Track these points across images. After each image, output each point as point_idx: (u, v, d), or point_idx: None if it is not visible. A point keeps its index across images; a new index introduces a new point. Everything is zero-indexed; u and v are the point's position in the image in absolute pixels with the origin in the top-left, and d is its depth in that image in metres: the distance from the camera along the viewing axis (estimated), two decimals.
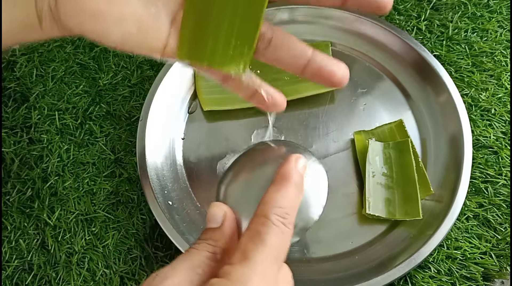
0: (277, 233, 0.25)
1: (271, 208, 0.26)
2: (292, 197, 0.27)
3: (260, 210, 0.26)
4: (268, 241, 0.24)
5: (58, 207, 0.47)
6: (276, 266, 0.25)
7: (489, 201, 0.46)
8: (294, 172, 0.27)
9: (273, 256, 0.24)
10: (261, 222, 0.25)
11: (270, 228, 0.25)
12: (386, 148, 0.47)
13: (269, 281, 0.24)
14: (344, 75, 0.28)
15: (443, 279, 0.43)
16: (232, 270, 0.23)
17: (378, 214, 0.44)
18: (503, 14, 0.57)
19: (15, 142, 0.50)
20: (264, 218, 0.25)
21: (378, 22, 0.53)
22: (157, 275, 0.24)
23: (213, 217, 0.28)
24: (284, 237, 0.25)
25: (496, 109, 0.51)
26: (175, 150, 0.50)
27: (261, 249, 0.24)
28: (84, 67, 0.55)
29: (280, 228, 0.25)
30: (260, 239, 0.24)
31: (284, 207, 0.26)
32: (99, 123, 0.51)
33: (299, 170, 0.28)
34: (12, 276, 0.44)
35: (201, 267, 0.25)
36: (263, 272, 0.23)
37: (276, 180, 0.27)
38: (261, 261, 0.24)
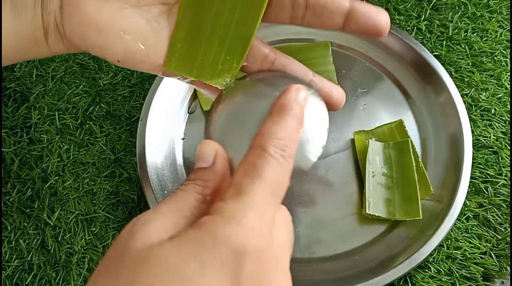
0: (276, 166, 0.22)
1: (269, 140, 0.23)
2: (292, 129, 0.24)
3: (256, 142, 0.23)
4: (265, 174, 0.22)
5: (58, 207, 0.47)
6: (273, 203, 0.22)
7: (489, 201, 0.46)
8: (294, 103, 0.25)
9: (270, 191, 0.22)
10: (258, 154, 0.23)
11: (268, 160, 0.22)
12: (386, 148, 0.48)
13: (266, 219, 0.21)
14: (341, 98, 0.29)
15: (443, 279, 0.43)
16: (224, 206, 0.21)
17: (378, 214, 0.44)
18: (503, 14, 0.57)
19: (15, 142, 0.50)
20: (261, 150, 0.23)
21: None
22: (139, 219, 0.22)
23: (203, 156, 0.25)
24: (283, 170, 0.23)
25: (496, 109, 0.51)
26: (175, 150, 0.50)
27: (258, 183, 0.22)
28: (84, 67, 0.55)
29: (278, 160, 0.22)
30: (256, 172, 0.22)
31: (283, 139, 0.23)
32: (99, 123, 0.51)
33: (300, 102, 0.25)
34: (12, 276, 0.44)
35: (189, 209, 0.23)
36: (259, 208, 0.21)
37: (274, 111, 0.25)
38: (257, 196, 0.21)
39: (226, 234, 0.20)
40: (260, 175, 0.22)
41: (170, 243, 0.20)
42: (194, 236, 0.20)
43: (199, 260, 0.19)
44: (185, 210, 0.22)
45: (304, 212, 0.46)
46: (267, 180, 0.22)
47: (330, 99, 0.29)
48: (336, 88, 0.29)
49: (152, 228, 0.21)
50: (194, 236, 0.20)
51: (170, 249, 0.20)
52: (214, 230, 0.20)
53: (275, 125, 0.24)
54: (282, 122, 0.24)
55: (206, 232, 0.20)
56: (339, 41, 0.55)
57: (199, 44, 0.29)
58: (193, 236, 0.20)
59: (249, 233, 0.20)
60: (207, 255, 0.20)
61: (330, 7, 0.26)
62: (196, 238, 0.20)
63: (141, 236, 0.21)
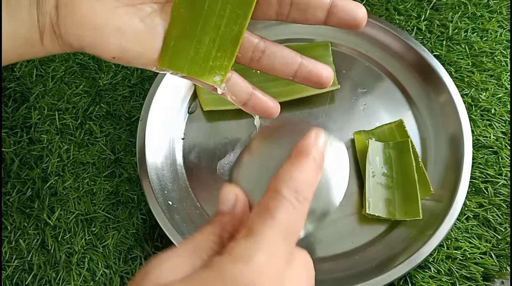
0: (288, 208, 0.22)
1: (284, 182, 0.23)
2: (309, 173, 0.24)
3: (271, 185, 0.23)
4: (277, 215, 0.22)
5: (58, 207, 0.47)
6: (286, 244, 0.22)
7: (489, 201, 0.46)
8: (313, 147, 0.25)
9: (282, 232, 0.22)
10: (271, 197, 0.23)
11: (280, 202, 0.22)
12: (386, 148, 0.48)
13: (276, 260, 0.21)
14: (329, 76, 0.31)
15: (443, 279, 0.43)
16: (235, 245, 0.21)
17: (378, 214, 0.44)
18: (503, 14, 0.57)
19: (15, 142, 0.50)
20: (275, 192, 0.23)
21: (378, 22, 0.53)
22: (156, 257, 0.22)
23: (224, 200, 0.26)
24: (296, 212, 0.23)
25: (496, 109, 0.51)
26: (175, 150, 0.50)
27: (269, 223, 0.21)
28: (84, 67, 0.55)
29: (292, 203, 0.22)
30: (268, 213, 0.22)
31: (299, 181, 0.23)
32: (99, 123, 0.51)
33: (320, 146, 0.25)
34: (12, 276, 0.44)
35: (205, 251, 0.23)
36: (269, 248, 0.21)
37: (293, 155, 0.25)
38: (268, 237, 0.21)
39: (234, 273, 0.20)
40: (272, 216, 0.22)
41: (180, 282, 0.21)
42: (204, 276, 0.20)
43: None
44: (202, 252, 0.23)
45: None
46: (278, 221, 0.22)
47: (320, 79, 0.31)
48: (325, 67, 0.31)
49: (166, 268, 0.21)
50: (204, 276, 0.20)
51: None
52: (223, 269, 0.20)
53: (291, 168, 0.24)
54: (299, 165, 0.24)
55: (215, 271, 0.20)
56: (339, 41, 0.55)
57: (190, 41, 0.29)
58: (203, 276, 0.20)
59: (257, 273, 0.20)
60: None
61: (313, 4, 0.28)
62: (205, 278, 0.20)
63: (154, 275, 0.21)
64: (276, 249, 0.21)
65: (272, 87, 0.51)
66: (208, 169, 0.48)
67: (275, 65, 0.31)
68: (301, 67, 0.31)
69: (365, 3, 0.58)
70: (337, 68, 0.52)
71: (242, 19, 0.29)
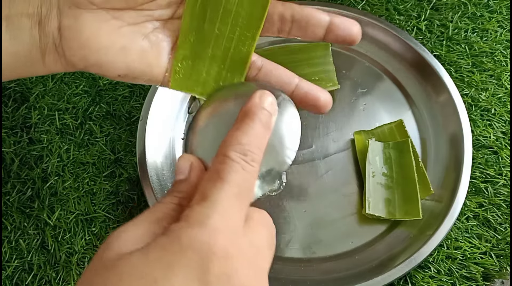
0: (237, 169, 0.23)
1: (230, 146, 0.24)
2: (256, 134, 0.25)
3: (220, 149, 0.24)
4: (227, 178, 0.23)
5: (58, 207, 0.47)
6: (239, 205, 0.23)
7: (489, 201, 0.46)
8: (258, 109, 0.25)
9: (233, 194, 0.23)
10: (220, 161, 0.23)
11: (229, 165, 0.23)
12: (386, 148, 0.47)
13: (231, 220, 0.22)
14: (327, 101, 0.30)
15: (443, 279, 0.43)
16: (190, 212, 0.22)
17: (378, 214, 0.44)
18: (503, 14, 0.57)
19: (15, 142, 0.50)
20: (222, 156, 0.24)
21: (378, 22, 0.53)
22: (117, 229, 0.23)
23: (180, 169, 0.26)
24: (246, 173, 0.23)
25: (496, 109, 0.51)
26: (175, 150, 0.50)
27: (220, 186, 0.22)
28: None
29: (240, 164, 0.23)
30: (218, 177, 0.23)
31: (245, 143, 0.24)
32: (99, 123, 0.51)
33: (266, 107, 0.26)
34: (12, 276, 0.44)
35: (165, 219, 0.23)
36: (223, 210, 0.22)
37: (238, 118, 0.25)
38: (221, 199, 0.22)
39: (190, 236, 0.21)
40: (222, 179, 0.23)
41: (139, 250, 0.21)
42: (161, 242, 0.21)
43: (165, 263, 0.20)
44: (162, 220, 0.23)
45: (304, 212, 0.46)
46: (229, 183, 0.23)
47: (317, 102, 0.30)
48: (323, 91, 0.31)
49: (125, 239, 0.22)
50: (161, 242, 0.21)
51: (138, 256, 0.21)
52: (180, 234, 0.21)
53: (237, 131, 0.24)
54: (245, 128, 0.24)
55: (172, 237, 0.21)
56: None
57: (202, 63, 0.30)
58: (161, 243, 0.21)
59: (213, 234, 0.21)
60: (173, 258, 0.20)
61: (312, 22, 0.29)
62: (163, 244, 0.21)
63: (114, 246, 0.22)
64: (229, 210, 0.22)
65: None
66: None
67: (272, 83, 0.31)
68: (298, 89, 0.30)
69: (365, 3, 0.58)
70: (337, 68, 0.52)
71: (251, 40, 0.29)
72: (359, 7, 0.57)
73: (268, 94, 0.26)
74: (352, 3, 0.58)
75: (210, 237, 0.21)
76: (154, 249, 0.21)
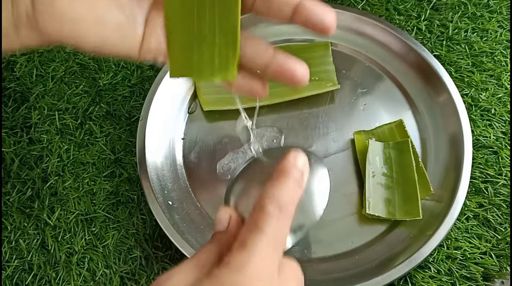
0: (273, 222, 0.25)
1: (267, 199, 0.26)
2: (290, 191, 0.27)
3: (257, 203, 0.26)
4: (264, 228, 0.25)
5: (58, 207, 0.47)
6: (274, 254, 0.25)
7: (489, 201, 0.46)
8: (292, 168, 0.27)
9: (270, 244, 0.25)
10: (257, 213, 0.26)
11: (265, 217, 0.25)
12: (386, 148, 0.48)
13: (267, 267, 0.24)
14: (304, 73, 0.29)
15: (443, 279, 0.43)
16: (230, 258, 0.24)
17: (378, 214, 0.44)
18: (503, 14, 0.57)
19: (15, 142, 0.50)
20: (260, 209, 0.26)
21: (378, 22, 0.53)
22: (166, 273, 0.25)
23: (220, 221, 0.29)
24: (280, 225, 0.26)
25: (496, 109, 0.51)
26: (175, 150, 0.50)
27: (258, 236, 0.25)
28: (84, 67, 0.55)
29: (275, 217, 0.25)
30: (256, 228, 0.25)
31: (280, 198, 0.26)
32: (99, 123, 0.51)
33: (299, 166, 0.28)
34: (12, 276, 0.44)
35: (207, 265, 0.26)
36: (260, 258, 0.24)
37: (274, 176, 0.27)
38: (258, 248, 0.24)
39: (231, 281, 0.23)
40: (260, 229, 0.25)
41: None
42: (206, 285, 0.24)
43: None
44: (204, 266, 0.26)
45: None
46: (266, 233, 0.25)
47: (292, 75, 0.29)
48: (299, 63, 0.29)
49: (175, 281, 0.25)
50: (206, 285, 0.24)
51: None
52: (221, 278, 0.24)
53: (273, 188, 0.26)
54: (279, 185, 0.27)
55: (215, 280, 0.24)
56: (339, 41, 0.55)
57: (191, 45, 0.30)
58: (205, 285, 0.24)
59: (252, 280, 0.23)
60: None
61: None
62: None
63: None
64: (266, 258, 0.24)
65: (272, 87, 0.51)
66: (208, 169, 0.48)
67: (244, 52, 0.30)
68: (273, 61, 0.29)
69: (365, 3, 0.58)
70: (337, 68, 0.52)
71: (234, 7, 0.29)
72: (359, 7, 0.57)
73: (302, 154, 0.28)
74: (352, 3, 0.58)
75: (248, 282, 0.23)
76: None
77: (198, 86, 0.52)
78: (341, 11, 0.53)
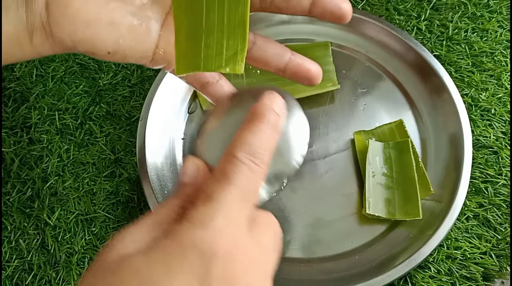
0: (245, 171, 0.23)
1: (239, 146, 0.23)
2: (265, 136, 0.24)
3: (227, 150, 0.24)
4: (234, 179, 0.22)
5: (58, 207, 0.47)
6: (245, 207, 0.23)
7: (489, 201, 0.46)
8: (267, 111, 0.25)
9: (239, 196, 0.22)
10: (227, 161, 0.23)
11: (236, 166, 0.23)
12: (386, 148, 0.48)
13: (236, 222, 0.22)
14: (318, 72, 0.30)
15: (443, 279, 0.43)
16: (194, 212, 0.22)
17: (378, 214, 0.44)
18: (503, 14, 0.57)
19: (15, 142, 0.50)
20: (230, 157, 0.23)
21: (378, 22, 0.53)
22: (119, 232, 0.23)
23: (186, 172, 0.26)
24: (253, 175, 0.23)
25: (496, 109, 0.51)
26: (175, 150, 0.50)
27: (226, 188, 0.22)
28: (84, 67, 0.55)
29: (248, 165, 0.23)
30: (225, 178, 0.22)
31: (254, 144, 0.23)
32: (99, 123, 0.51)
33: (275, 109, 0.25)
34: (12, 276, 0.44)
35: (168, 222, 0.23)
36: (228, 211, 0.21)
37: (247, 119, 0.25)
38: (226, 201, 0.22)
39: (193, 238, 0.20)
40: (229, 180, 0.22)
41: (141, 252, 0.21)
42: (163, 244, 0.21)
43: (166, 266, 0.20)
44: (164, 223, 0.23)
45: (304, 212, 0.46)
46: (236, 184, 0.22)
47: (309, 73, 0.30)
48: (314, 64, 0.30)
49: (127, 241, 0.22)
50: (163, 244, 0.21)
51: (140, 258, 0.21)
52: (182, 236, 0.21)
53: (246, 132, 0.24)
54: (254, 129, 0.24)
55: (174, 238, 0.21)
56: (339, 41, 0.55)
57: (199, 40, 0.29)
58: (162, 244, 0.21)
59: (217, 236, 0.21)
60: (174, 260, 0.20)
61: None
62: (164, 246, 0.21)
63: (116, 248, 0.22)
64: (235, 212, 0.22)
65: None
66: None
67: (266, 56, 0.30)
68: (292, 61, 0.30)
69: (365, 3, 0.58)
70: (337, 68, 0.52)
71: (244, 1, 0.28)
72: (359, 7, 0.57)
73: (277, 96, 0.26)
74: (352, 3, 0.58)
75: (213, 240, 0.20)
76: (155, 251, 0.21)
77: None
78: None
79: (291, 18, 0.54)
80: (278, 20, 0.54)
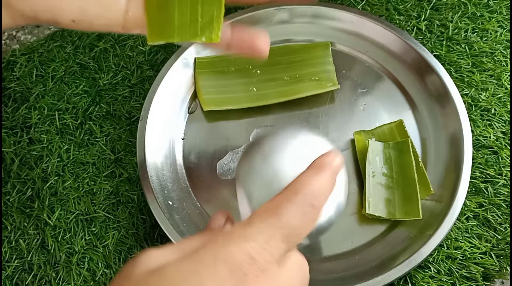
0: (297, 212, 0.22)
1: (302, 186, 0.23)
2: (326, 185, 0.24)
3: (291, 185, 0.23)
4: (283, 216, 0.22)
5: (58, 207, 0.47)
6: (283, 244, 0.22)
7: (489, 201, 0.46)
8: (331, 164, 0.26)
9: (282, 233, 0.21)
10: (286, 197, 0.23)
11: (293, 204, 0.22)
12: (386, 148, 0.48)
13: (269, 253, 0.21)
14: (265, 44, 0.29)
15: (443, 279, 0.43)
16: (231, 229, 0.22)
17: (378, 214, 0.44)
18: (503, 14, 0.57)
19: (15, 142, 0.50)
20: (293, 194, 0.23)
21: (378, 22, 0.53)
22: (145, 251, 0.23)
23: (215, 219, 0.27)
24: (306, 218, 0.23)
25: (496, 109, 0.51)
26: (175, 150, 0.49)
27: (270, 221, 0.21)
28: (84, 67, 0.55)
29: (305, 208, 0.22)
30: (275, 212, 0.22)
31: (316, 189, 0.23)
32: (99, 123, 0.51)
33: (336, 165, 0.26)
34: (12, 276, 0.44)
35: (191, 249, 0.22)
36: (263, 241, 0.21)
37: (312, 167, 0.25)
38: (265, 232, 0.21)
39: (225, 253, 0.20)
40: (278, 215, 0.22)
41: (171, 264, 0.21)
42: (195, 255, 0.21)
43: (198, 276, 0.20)
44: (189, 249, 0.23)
45: None
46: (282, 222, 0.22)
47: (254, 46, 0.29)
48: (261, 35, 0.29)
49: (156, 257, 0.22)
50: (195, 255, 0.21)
51: (171, 268, 0.20)
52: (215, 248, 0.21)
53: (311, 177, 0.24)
54: (318, 176, 0.24)
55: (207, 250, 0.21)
56: (339, 41, 0.55)
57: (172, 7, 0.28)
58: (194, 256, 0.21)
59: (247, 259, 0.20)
60: (206, 270, 0.20)
61: None
62: (197, 256, 0.21)
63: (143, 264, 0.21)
64: (270, 244, 0.21)
65: (272, 87, 0.51)
66: (208, 169, 0.48)
67: None
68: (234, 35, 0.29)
69: (365, 3, 0.58)
70: (337, 68, 0.52)
71: None
72: (359, 7, 0.57)
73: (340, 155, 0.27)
74: (352, 3, 0.58)
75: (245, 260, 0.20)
76: (187, 262, 0.20)
77: (198, 86, 0.52)
78: (341, 11, 0.53)
79: (291, 18, 0.54)
80: (278, 19, 0.54)
